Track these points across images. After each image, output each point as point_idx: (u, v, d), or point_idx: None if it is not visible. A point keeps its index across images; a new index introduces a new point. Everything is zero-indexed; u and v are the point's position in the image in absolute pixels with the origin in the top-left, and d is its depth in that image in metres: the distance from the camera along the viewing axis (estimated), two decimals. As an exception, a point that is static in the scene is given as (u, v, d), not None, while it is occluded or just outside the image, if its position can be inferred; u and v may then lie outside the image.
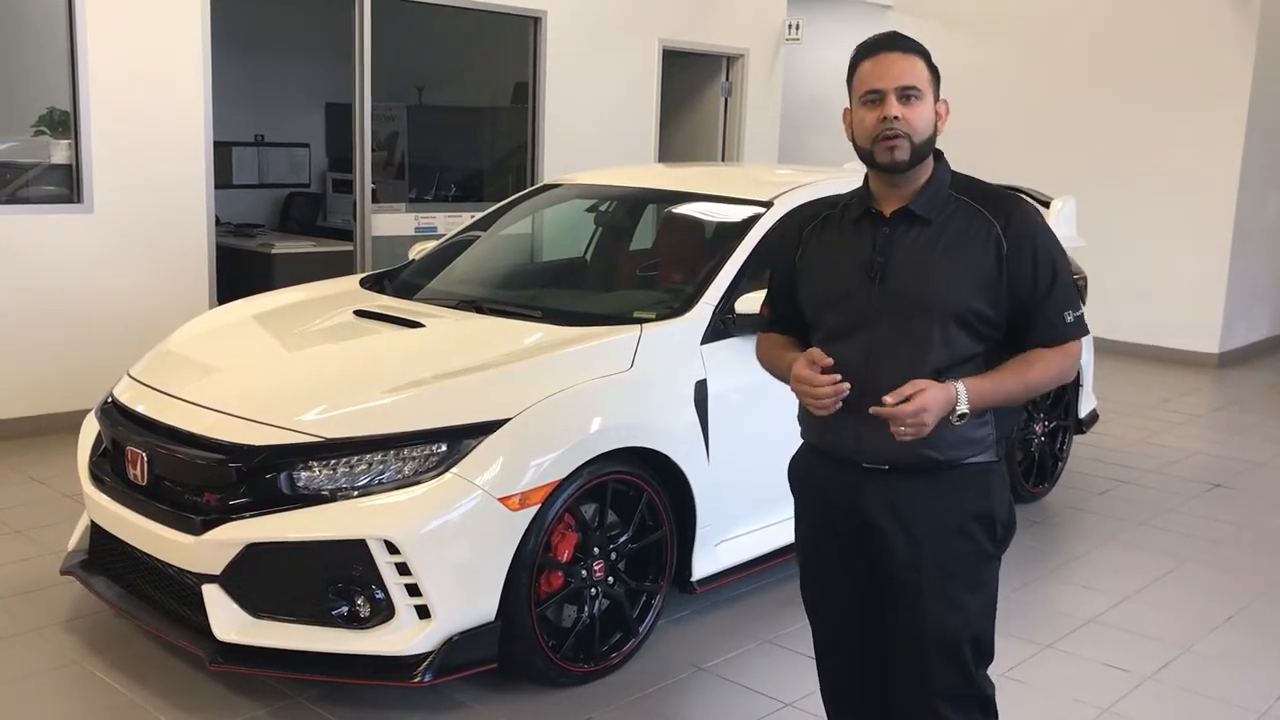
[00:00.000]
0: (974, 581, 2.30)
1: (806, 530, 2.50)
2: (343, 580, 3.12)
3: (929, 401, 2.11)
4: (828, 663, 2.55)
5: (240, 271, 7.46)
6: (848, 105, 2.30)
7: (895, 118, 2.19)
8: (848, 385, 2.18)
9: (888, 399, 2.12)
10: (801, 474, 2.48)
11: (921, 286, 2.22)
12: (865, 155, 2.27)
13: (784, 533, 4.05)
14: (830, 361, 2.21)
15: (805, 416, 2.40)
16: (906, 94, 2.21)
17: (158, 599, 3.42)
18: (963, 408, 2.14)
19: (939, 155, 2.31)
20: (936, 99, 2.27)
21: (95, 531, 3.68)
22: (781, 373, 2.41)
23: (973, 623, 2.31)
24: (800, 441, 2.49)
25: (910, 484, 2.26)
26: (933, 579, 2.27)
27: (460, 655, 3.15)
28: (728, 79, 9.35)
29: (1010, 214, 2.25)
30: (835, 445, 2.32)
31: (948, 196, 2.28)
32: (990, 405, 2.21)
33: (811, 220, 2.44)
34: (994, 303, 2.22)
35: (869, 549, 2.32)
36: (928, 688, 2.31)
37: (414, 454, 3.16)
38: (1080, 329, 2.28)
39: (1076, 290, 2.29)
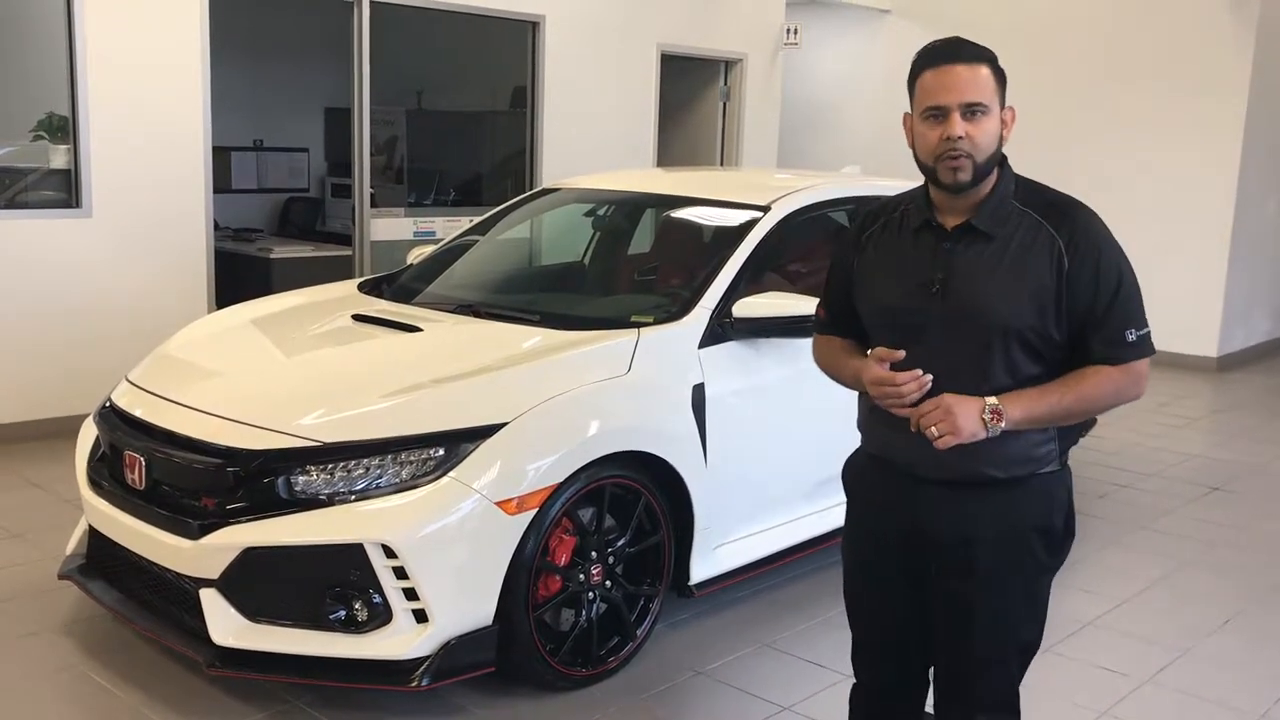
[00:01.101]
0: (1028, 594, 2.28)
1: (856, 533, 2.46)
2: (340, 584, 3.11)
3: (949, 399, 2.07)
4: (863, 665, 2.53)
5: (239, 276, 7.47)
6: (908, 110, 2.21)
7: (960, 137, 2.10)
8: (929, 377, 2.11)
9: (913, 413, 2.09)
10: (857, 478, 2.45)
11: (982, 304, 2.14)
12: (928, 171, 2.19)
13: (783, 536, 4.08)
14: (901, 354, 2.14)
15: (870, 425, 2.36)
16: (971, 109, 2.11)
17: (155, 603, 3.41)
18: (991, 403, 2.08)
19: (1003, 161, 2.22)
20: (1002, 106, 2.17)
21: (93, 536, 3.68)
22: (845, 378, 2.37)
23: (1022, 635, 2.29)
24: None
25: (969, 497, 2.22)
26: (986, 592, 2.24)
27: (458, 659, 3.14)
28: (726, 83, 9.36)
29: (1074, 228, 2.16)
30: (902, 456, 2.26)
31: (1011, 208, 2.20)
32: (1037, 418, 2.12)
33: (871, 224, 2.37)
34: (1056, 321, 2.14)
35: (921, 558, 2.29)
36: (969, 697, 2.30)
37: (411, 458, 3.16)
38: (1145, 348, 2.18)
39: (1142, 307, 2.20)
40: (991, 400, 2.10)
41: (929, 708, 2.48)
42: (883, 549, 2.36)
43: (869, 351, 2.23)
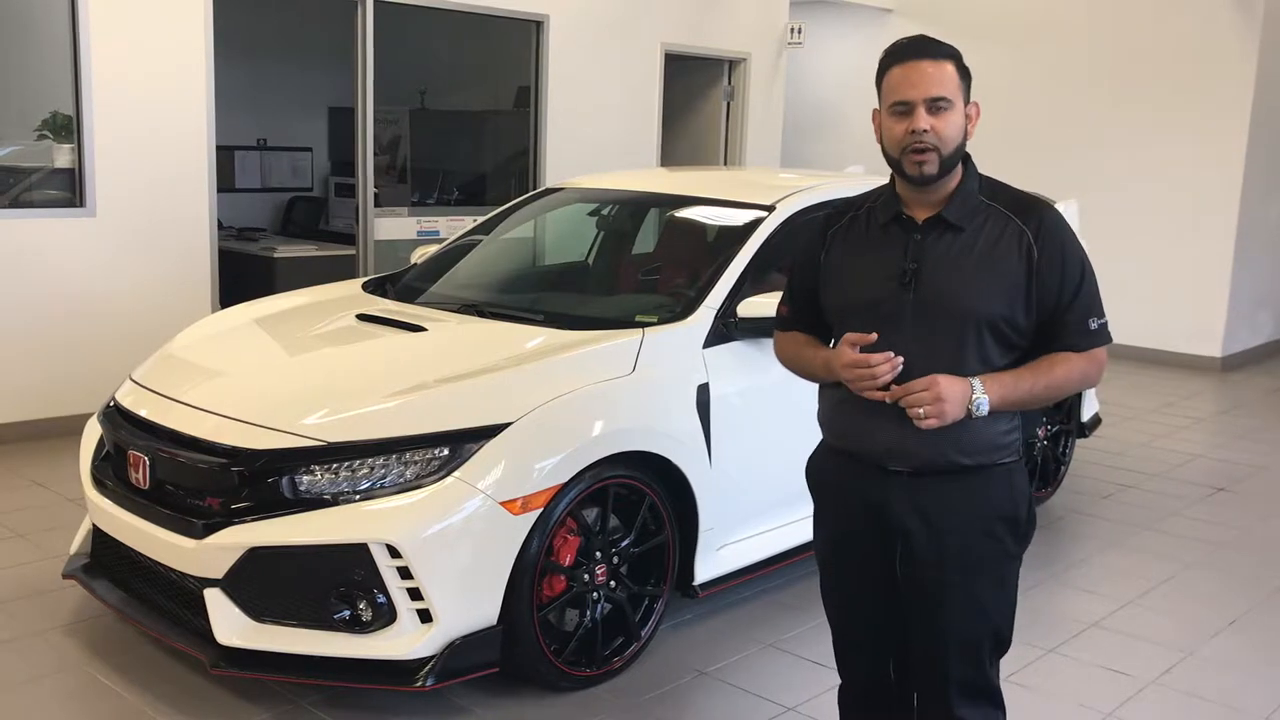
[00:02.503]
0: (996, 581, 2.32)
1: (827, 531, 2.48)
2: (345, 584, 3.11)
3: (944, 382, 2.13)
4: (847, 662, 2.55)
5: (242, 275, 7.47)
6: (876, 107, 2.28)
7: (925, 130, 2.17)
8: (901, 359, 2.17)
9: (898, 389, 2.13)
10: (821, 475, 2.47)
11: (955, 294, 2.20)
12: (894, 164, 2.25)
13: (787, 536, 4.08)
14: (874, 337, 2.19)
15: (833, 418, 2.39)
16: (936, 104, 2.18)
17: (160, 603, 3.41)
18: (979, 396, 2.15)
19: (967, 159, 2.29)
20: (967, 102, 2.24)
21: (97, 535, 3.68)
22: (813, 369, 2.40)
23: (993, 621, 2.33)
24: (812, 443, 2.49)
25: (936, 486, 2.26)
26: (956, 579, 2.27)
27: (462, 659, 3.14)
28: (730, 83, 9.36)
29: (1041, 221, 2.23)
30: (869, 448, 2.29)
31: (978, 203, 2.26)
32: (1011, 401, 2.20)
33: (836, 222, 2.42)
34: (1025, 310, 2.22)
35: (892, 550, 2.32)
36: (946, 685, 2.32)
37: (416, 458, 3.16)
38: (1105, 336, 2.28)
39: (1100, 298, 2.29)
40: (979, 391, 2.16)
41: None
42: (852, 541, 2.39)
43: (843, 336, 2.26)
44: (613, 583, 3.49)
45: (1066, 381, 2.25)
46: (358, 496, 3.12)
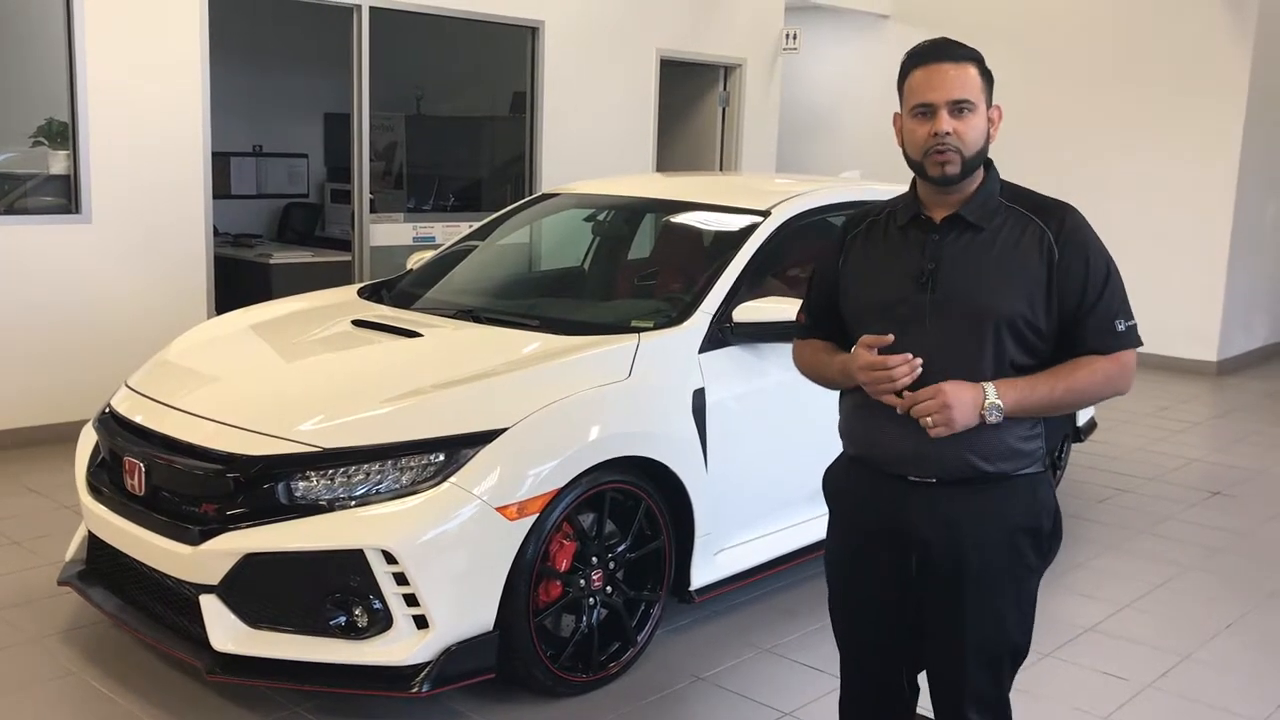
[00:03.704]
0: (1015, 594, 2.28)
1: (841, 540, 2.45)
2: (340, 590, 3.11)
3: (949, 389, 2.09)
4: (850, 675, 2.52)
5: (238, 281, 7.47)
6: (898, 110, 2.27)
7: (947, 133, 2.15)
8: (920, 360, 2.14)
9: (908, 397, 2.11)
10: (840, 484, 2.44)
11: (973, 294, 2.18)
12: (916, 167, 2.23)
13: (784, 541, 4.08)
14: (890, 338, 2.16)
15: (852, 426, 2.37)
16: (959, 107, 2.17)
17: (155, 609, 3.41)
18: (992, 400, 2.10)
19: (988, 163, 2.28)
20: (989, 105, 2.23)
21: (93, 542, 3.67)
22: (830, 375, 2.37)
23: (1011, 635, 2.29)
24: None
25: (957, 496, 2.23)
26: (975, 592, 2.24)
27: (458, 665, 3.14)
28: (725, 88, 9.37)
29: (1062, 221, 2.21)
30: (889, 456, 2.26)
31: (998, 204, 2.25)
32: (1028, 407, 2.15)
33: (857, 226, 2.40)
34: (1046, 311, 2.18)
35: (909, 561, 2.29)
36: (961, 697, 2.30)
37: (412, 464, 3.15)
38: (1133, 339, 2.23)
39: (1128, 301, 2.25)
40: (992, 395, 2.12)
41: (923, 710, 2.48)
42: (868, 552, 2.36)
43: (860, 338, 2.23)
44: (609, 588, 3.49)
45: (1090, 385, 2.19)
46: (353, 502, 3.11)
